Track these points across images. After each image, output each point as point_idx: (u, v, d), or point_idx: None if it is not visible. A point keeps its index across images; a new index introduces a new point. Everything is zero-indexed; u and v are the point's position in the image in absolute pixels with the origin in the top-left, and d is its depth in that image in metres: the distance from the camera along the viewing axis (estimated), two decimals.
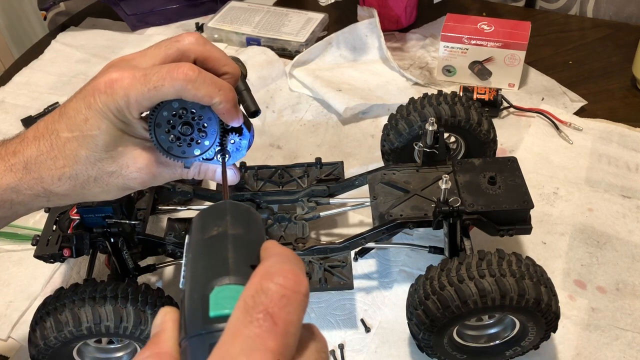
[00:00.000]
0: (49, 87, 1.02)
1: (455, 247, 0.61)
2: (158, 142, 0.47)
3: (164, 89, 0.44)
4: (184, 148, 0.48)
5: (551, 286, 0.56)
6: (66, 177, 0.46)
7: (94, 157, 0.46)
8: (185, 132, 0.47)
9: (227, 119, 0.47)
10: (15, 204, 0.47)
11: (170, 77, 0.43)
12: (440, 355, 0.60)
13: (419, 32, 1.10)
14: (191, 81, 0.44)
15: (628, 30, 1.08)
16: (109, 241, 0.60)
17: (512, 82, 0.96)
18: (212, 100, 0.45)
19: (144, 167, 0.48)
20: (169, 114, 0.46)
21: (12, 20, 1.50)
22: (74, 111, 0.45)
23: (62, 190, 0.47)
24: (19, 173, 0.46)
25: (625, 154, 0.84)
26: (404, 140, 0.71)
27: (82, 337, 0.55)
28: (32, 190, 0.47)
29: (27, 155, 0.46)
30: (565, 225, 0.75)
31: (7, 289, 0.71)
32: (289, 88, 0.99)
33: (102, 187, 0.48)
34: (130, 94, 0.44)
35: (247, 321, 0.26)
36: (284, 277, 0.27)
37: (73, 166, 0.46)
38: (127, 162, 0.47)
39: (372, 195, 0.66)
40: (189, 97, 0.45)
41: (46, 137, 0.46)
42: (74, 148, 0.45)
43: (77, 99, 0.46)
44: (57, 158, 0.46)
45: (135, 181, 0.48)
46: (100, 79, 0.45)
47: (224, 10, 1.14)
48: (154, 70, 0.44)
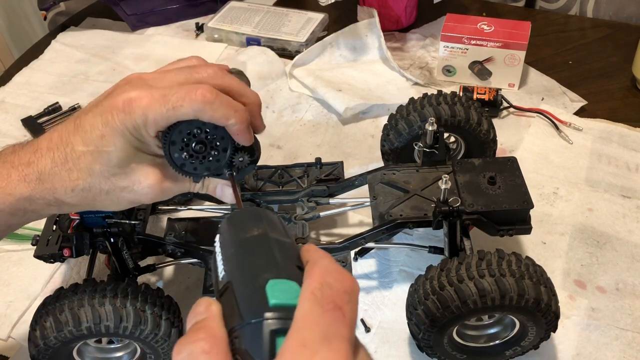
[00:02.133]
0: (49, 87, 1.02)
1: (455, 247, 0.61)
2: (172, 159, 0.48)
3: (182, 109, 0.45)
4: (196, 165, 0.49)
5: (551, 286, 0.56)
6: (79, 189, 0.47)
7: (108, 172, 0.47)
8: (199, 151, 0.49)
9: (239, 139, 0.49)
10: (28, 212, 0.49)
11: (189, 99, 0.44)
12: (440, 355, 0.60)
13: (419, 32, 1.10)
14: (209, 103, 0.45)
15: (628, 30, 1.08)
16: (109, 241, 0.60)
17: (512, 82, 0.96)
18: (228, 121, 0.46)
19: (155, 183, 0.49)
20: (184, 133, 0.48)
21: (12, 20, 1.50)
22: (91, 126, 0.46)
23: (73, 201, 0.48)
24: (32, 183, 0.47)
25: (625, 154, 0.84)
26: (403, 140, 0.71)
27: (82, 337, 0.55)
28: (44, 200, 0.48)
29: (41, 166, 0.47)
30: (565, 225, 0.75)
31: (7, 289, 0.71)
32: (289, 88, 0.99)
33: (112, 200, 0.49)
34: (148, 113, 0.45)
35: (319, 311, 0.28)
36: (342, 275, 0.30)
37: (87, 179, 0.47)
38: (139, 178, 0.48)
39: (372, 195, 0.66)
40: (206, 118, 0.46)
41: (61, 149, 0.47)
42: (89, 162, 0.46)
43: (93, 114, 0.46)
44: (71, 170, 0.47)
45: (146, 196, 0.49)
46: (119, 97, 0.45)
47: (224, 10, 1.14)
48: (173, 91, 0.45)
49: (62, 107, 0.96)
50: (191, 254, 0.65)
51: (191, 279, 0.71)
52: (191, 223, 0.70)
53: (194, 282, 0.71)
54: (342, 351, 0.27)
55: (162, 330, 0.56)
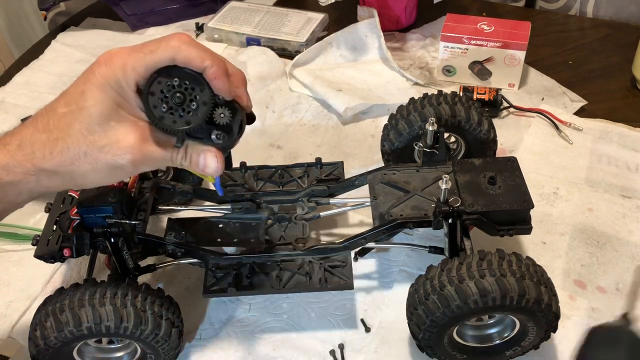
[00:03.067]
0: (49, 87, 1.02)
1: (456, 247, 0.61)
2: (151, 111, 0.48)
3: (159, 51, 0.46)
4: (175, 118, 0.48)
5: (551, 286, 0.56)
6: (57, 150, 0.47)
7: (87, 129, 0.47)
8: (178, 102, 0.48)
9: (217, 85, 0.48)
10: (5, 184, 0.48)
11: (165, 41, 0.47)
12: (440, 355, 0.60)
13: (419, 32, 1.10)
14: (185, 43, 0.46)
15: (628, 30, 1.08)
16: (109, 241, 0.60)
17: (512, 82, 0.96)
18: (204, 62, 0.47)
19: (134, 143, 0.48)
20: (163, 84, 0.48)
21: (12, 20, 1.49)
22: (72, 87, 0.48)
23: (51, 165, 0.48)
24: (11, 151, 0.48)
25: (625, 154, 0.84)
26: (404, 140, 0.71)
27: (82, 337, 0.55)
28: (21, 168, 0.48)
29: (22, 134, 0.48)
30: (565, 225, 0.75)
31: (7, 289, 0.71)
32: (289, 88, 0.99)
33: (91, 164, 0.48)
34: (127, 62, 0.46)
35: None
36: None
37: (65, 138, 0.47)
38: (117, 137, 0.47)
39: (372, 195, 0.66)
40: (182, 59, 0.46)
41: (44, 115, 0.48)
42: (69, 121, 0.47)
43: (77, 79, 0.48)
44: (51, 132, 0.47)
45: (125, 158, 0.48)
46: (100, 56, 0.48)
47: (224, 10, 1.14)
48: (150, 40, 0.48)
49: None
50: (191, 254, 0.65)
51: (191, 279, 0.71)
52: (191, 223, 0.70)
53: (194, 282, 0.71)
54: None
55: (163, 331, 0.56)
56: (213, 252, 0.64)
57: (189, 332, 0.65)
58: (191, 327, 0.66)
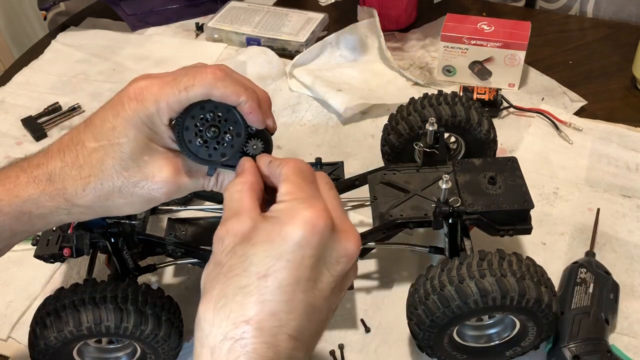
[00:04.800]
0: (49, 87, 1.02)
1: (456, 247, 0.61)
2: (186, 146, 0.47)
3: (194, 88, 0.44)
4: (210, 151, 0.48)
5: (552, 286, 0.56)
6: (91, 187, 0.46)
7: (121, 165, 0.46)
8: (213, 135, 0.48)
9: (251, 119, 0.47)
10: (34, 216, 0.47)
11: (200, 78, 0.44)
12: (440, 355, 0.60)
13: (419, 32, 1.10)
14: (220, 80, 0.44)
15: (628, 30, 1.08)
16: (109, 241, 0.60)
17: (512, 82, 0.96)
18: (240, 98, 0.45)
19: (169, 176, 0.47)
20: (197, 118, 0.47)
21: (12, 20, 1.50)
22: (101, 120, 0.45)
23: (85, 202, 0.46)
24: (41, 184, 0.46)
25: (625, 154, 0.84)
26: (404, 140, 0.71)
27: (82, 337, 0.55)
28: (53, 202, 0.46)
29: (51, 167, 0.46)
30: (565, 225, 0.75)
31: (7, 289, 0.71)
32: (289, 88, 0.99)
33: (126, 199, 0.47)
34: (160, 98, 0.44)
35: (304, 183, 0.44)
36: (305, 163, 0.46)
37: (98, 175, 0.45)
38: (152, 172, 0.47)
39: (372, 195, 0.66)
40: (218, 96, 0.45)
41: (71, 148, 0.46)
42: (100, 157, 0.45)
43: (103, 109, 0.46)
44: (82, 168, 0.45)
45: (160, 191, 0.47)
46: (128, 88, 0.45)
47: (224, 10, 1.14)
48: (182, 73, 0.45)
49: (62, 107, 0.96)
50: (191, 254, 0.65)
51: (191, 279, 0.71)
52: (191, 223, 0.70)
53: (194, 282, 0.71)
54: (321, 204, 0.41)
55: (163, 331, 0.56)
56: None
57: (189, 332, 0.65)
58: (191, 327, 0.66)
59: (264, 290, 0.39)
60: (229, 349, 0.38)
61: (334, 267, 0.41)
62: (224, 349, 0.38)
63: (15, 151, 0.90)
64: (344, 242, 0.42)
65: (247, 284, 0.39)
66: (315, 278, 0.40)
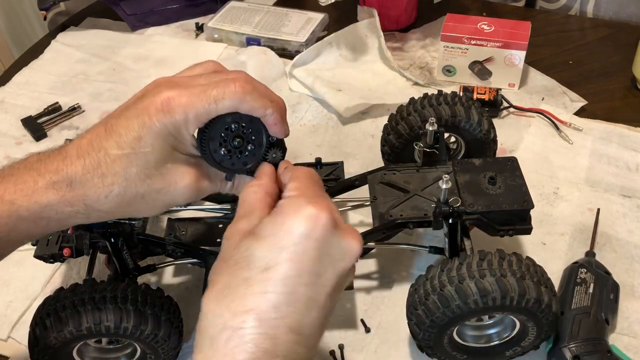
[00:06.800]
0: (49, 87, 1.02)
1: (456, 247, 0.61)
2: (212, 156, 0.48)
3: (224, 102, 0.44)
4: (234, 160, 0.49)
5: (552, 286, 0.56)
6: (114, 194, 0.46)
7: (144, 174, 0.46)
8: (237, 145, 0.48)
9: (275, 130, 0.48)
10: (52, 220, 0.47)
11: (230, 91, 0.44)
12: (440, 355, 0.60)
13: (419, 32, 1.10)
14: (249, 93, 0.45)
15: (628, 30, 1.08)
16: (109, 241, 0.60)
17: (512, 82, 0.96)
18: (266, 111, 0.46)
19: (191, 183, 0.48)
20: (222, 128, 0.47)
21: (12, 20, 1.50)
22: (125, 129, 0.45)
23: (106, 208, 0.46)
24: (62, 190, 0.45)
25: (625, 154, 0.84)
26: (404, 140, 0.71)
27: (82, 338, 0.55)
28: (72, 207, 0.46)
29: (71, 173, 0.45)
30: (565, 225, 0.75)
31: (7, 289, 0.71)
32: (289, 88, 0.99)
33: (148, 204, 0.47)
34: (189, 110, 0.44)
35: (311, 183, 0.47)
36: (312, 171, 0.49)
37: (122, 183, 0.45)
38: (175, 179, 0.47)
39: (372, 195, 0.66)
40: (246, 109, 0.45)
41: (92, 155, 0.45)
42: (124, 165, 0.45)
43: (127, 117, 0.45)
44: (104, 176, 0.45)
45: (182, 197, 0.48)
46: (155, 97, 0.45)
47: (224, 10, 1.14)
48: (211, 84, 0.45)
49: (62, 107, 0.96)
50: (191, 254, 0.65)
51: (191, 279, 0.71)
52: (191, 223, 0.70)
53: (194, 282, 0.71)
54: (325, 202, 0.42)
55: (162, 331, 0.56)
56: (213, 252, 0.64)
57: (189, 332, 0.65)
58: (191, 327, 0.66)
59: (266, 282, 0.39)
60: (228, 338, 0.38)
61: (338, 264, 0.42)
62: (222, 338, 0.38)
63: (15, 151, 0.90)
64: (348, 239, 0.42)
65: (250, 276, 0.40)
66: (318, 272, 0.41)
